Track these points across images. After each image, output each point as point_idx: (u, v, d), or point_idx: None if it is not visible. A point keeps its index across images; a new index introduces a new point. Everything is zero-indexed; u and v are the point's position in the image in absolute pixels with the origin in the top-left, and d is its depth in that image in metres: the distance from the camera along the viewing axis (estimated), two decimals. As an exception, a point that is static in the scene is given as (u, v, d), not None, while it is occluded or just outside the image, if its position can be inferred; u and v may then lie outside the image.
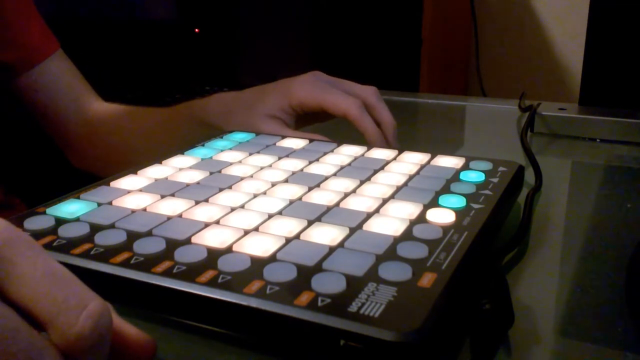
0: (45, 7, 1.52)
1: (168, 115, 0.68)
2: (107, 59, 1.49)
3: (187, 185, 0.40)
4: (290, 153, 0.47)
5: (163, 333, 0.31)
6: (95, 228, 0.33)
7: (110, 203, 0.37)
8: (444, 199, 0.38)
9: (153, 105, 0.73)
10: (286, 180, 0.41)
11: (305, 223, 0.34)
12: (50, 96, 0.72)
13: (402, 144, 0.55)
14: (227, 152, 0.48)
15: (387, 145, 0.55)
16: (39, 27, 0.72)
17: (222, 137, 0.52)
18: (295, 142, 0.50)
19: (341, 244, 0.32)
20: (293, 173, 0.43)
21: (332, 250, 0.31)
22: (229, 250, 0.31)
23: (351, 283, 0.28)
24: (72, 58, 0.75)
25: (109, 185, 0.40)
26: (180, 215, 0.35)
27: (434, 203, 0.37)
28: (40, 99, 0.72)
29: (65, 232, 0.33)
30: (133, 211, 0.36)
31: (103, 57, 1.48)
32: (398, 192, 0.39)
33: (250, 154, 0.47)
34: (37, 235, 0.33)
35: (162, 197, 0.38)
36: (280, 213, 0.36)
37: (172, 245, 0.31)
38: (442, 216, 0.35)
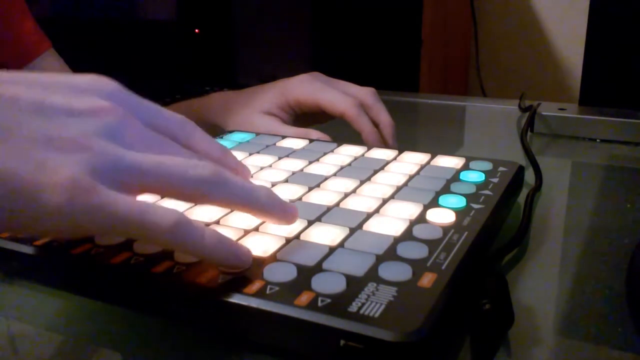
0: (45, 7, 1.52)
1: None
2: (107, 59, 1.49)
3: (187, 185, 0.40)
4: (290, 153, 0.47)
5: (162, 333, 0.31)
6: (95, 228, 0.33)
7: (110, 203, 0.37)
8: (444, 199, 0.38)
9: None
10: (286, 180, 0.41)
11: (305, 223, 0.34)
12: None
13: (402, 144, 0.55)
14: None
15: (386, 145, 0.55)
16: (31, 26, 0.72)
17: (222, 137, 0.52)
18: (295, 142, 0.50)
19: (341, 244, 0.32)
20: (293, 173, 0.43)
21: (332, 250, 0.31)
22: (229, 250, 0.31)
23: (351, 283, 0.28)
24: (72, 58, 0.75)
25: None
26: (180, 215, 0.35)
27: (434, 203, 0.37)
28: None
29: (65, 232, 0.33)
30: (133, 211, 0.36)
31: (103, 57, 1.48)
32: (398, 192, 0.39)
33: (250, 154, 0.47)
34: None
35: (162, 196, 0.38)
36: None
37: (172, 245, 0.31)
38: (442, 216, 0.35)
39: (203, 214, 0.35)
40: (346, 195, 0.39)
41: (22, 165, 0.25)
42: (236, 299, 0.27)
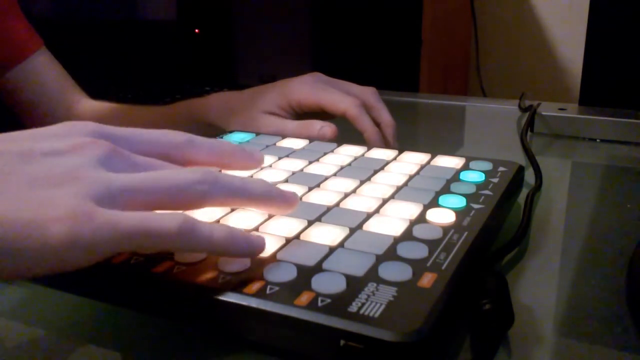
0: (45, 7, 1.52)
1: (165, 114, 0.68)
2: (107, 59, 1.49)
3: (187, 185, 0.40)
4: (290, 153, 0.47)
5: (162, 333, 0.31)
6: (95, 228, 0.33)
7: (110, 203, 0.37)
8: (444, 199, 0.38)
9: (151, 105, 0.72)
10: (286, 180, 0.41)
11: (305, 223, 0.34)
12: (37, 92, 0.72)
13: (402, 144, 0.55)
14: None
15: (387, 145, 0.55)
16: (23, 25, 0.72)
17: (222, 138, 0.52)
18: (295, 142, 0.50)
19: (341, 244, 0.32)
20: (293, 173, 0.43)
21: (332, 250, 0.31)
22: (229, 250, 0.31)
23: (351, 283, 0.28)
24: (73, 59, 0.75)
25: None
26: (180, 216, 0.35)
27: (434, 203, 0.37)
28: (27, 96, 0.72)
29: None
30: (133, 211, 0.36)
31: (103, 58, 1.48)
32: (398, 192, 0.39)
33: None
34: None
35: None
36: (280, 213, 0.36)
37: (172, 245, 0.31)
38: (442, 216, 0.35)
39: (203, 213, 0.35)
40: (346, 195, 0.39)
41: (22, 208, 0.25)
42: (236, 299, 0.27)
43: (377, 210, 0.36)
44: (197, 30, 1.65)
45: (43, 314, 0.33)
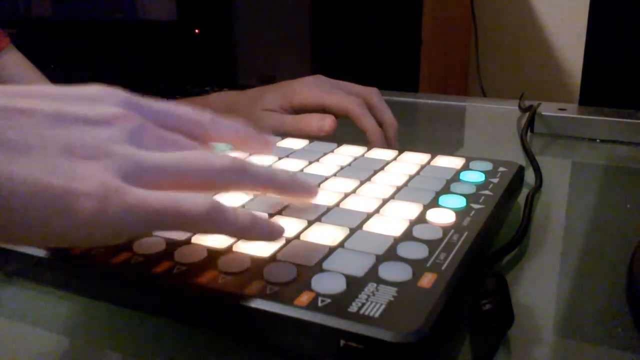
0: (45, 7, 1.52)
1: None
2: (107, 59, 1.49)
3: (187, 185, 0.40)
4: (290, 153, 0.47)
5: (162, 333, 0.31)
6: (95, 228, 0.33)
7: (110, 203, 0.37)
8: (444, 199, 0.38)
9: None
10: (286, 181, 0.41)
11: (305, 223, 0.34)
12: None
13: (402, 144, 0.55)
14: (226, 152, 0.48)
15: (388, 145, 0.55)
16: None
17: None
18: (295, 142, 0.50)
19: (341, 244, 0.32)
20: (293, 173, 0.43)
21: (332, 250, 0.31)
22: (229, 250, 0.31)
23: (351, 283, 0.28)
24: (72, 58, 0.75)
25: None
26: (180, 216, 0.35)
27: (434, 203, 0.37)
28: None
29: (65, 232, 0.33)
30: (133, 211, 0.36)
31: (103, 58, 1.48)
32: (398, 193, 0.39)
33: (250, 155, 0.47)
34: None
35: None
36: (280, 213, 0.36)
37: (172, 245, 0.31)
38: (442, 216, 0.35)
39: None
40: (346, 195, 0.39)
41: (53, 176, 0.24)
42: (236, 299, 0.27)
43: (377, 211, 0.36)
44: (197, 30, 1.65)
45: (43, 314, 0.33)
